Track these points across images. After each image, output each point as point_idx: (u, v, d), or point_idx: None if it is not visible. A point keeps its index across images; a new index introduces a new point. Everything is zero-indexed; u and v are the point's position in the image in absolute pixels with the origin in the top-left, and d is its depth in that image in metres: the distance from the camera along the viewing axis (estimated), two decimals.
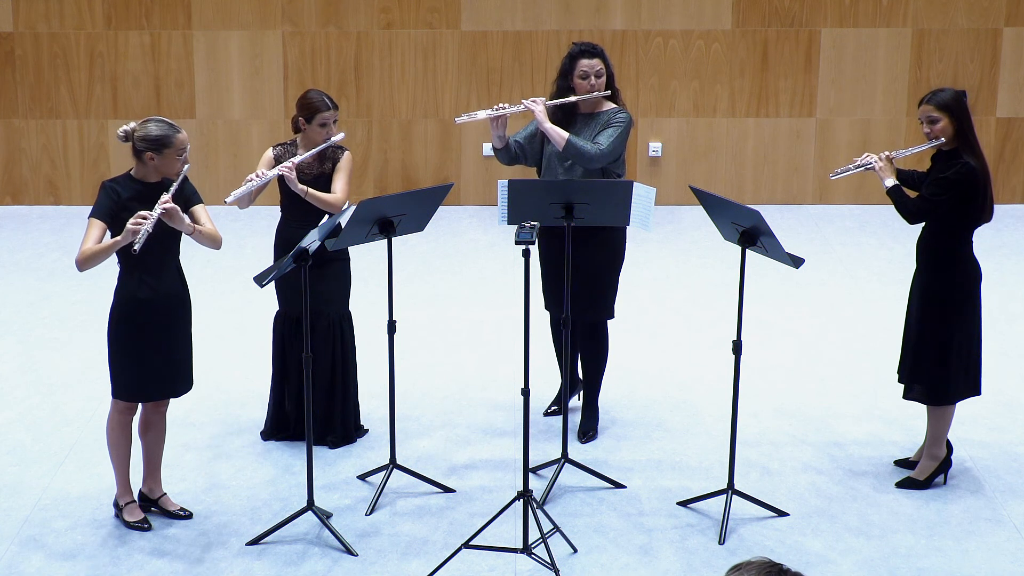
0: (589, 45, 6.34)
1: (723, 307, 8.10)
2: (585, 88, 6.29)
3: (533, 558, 5.39)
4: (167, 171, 5.52)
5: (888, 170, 5.97)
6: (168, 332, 5.60)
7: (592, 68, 6.27)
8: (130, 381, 5.61)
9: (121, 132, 5.53)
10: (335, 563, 5.48)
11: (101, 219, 5.47)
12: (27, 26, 10.37)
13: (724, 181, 10.63)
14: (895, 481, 6.13)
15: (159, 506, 5.85)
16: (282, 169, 6.11)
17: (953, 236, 5.86)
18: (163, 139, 5.46)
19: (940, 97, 5.84)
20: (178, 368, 5.69)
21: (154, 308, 5.54)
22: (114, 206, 5.46)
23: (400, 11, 10.38)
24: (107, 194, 5.49)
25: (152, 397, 5.69)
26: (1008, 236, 9.87)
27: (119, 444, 5.71)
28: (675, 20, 10.40)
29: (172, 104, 10.45)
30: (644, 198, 5.85)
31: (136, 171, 5.55)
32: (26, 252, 9.55)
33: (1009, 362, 7.50)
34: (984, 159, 5.86)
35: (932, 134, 5.85)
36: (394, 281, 6.06)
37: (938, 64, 10.45)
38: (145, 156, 5.48)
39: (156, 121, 5.51)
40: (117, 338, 5.59)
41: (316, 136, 6.24)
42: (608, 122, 6.29)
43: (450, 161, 10.63)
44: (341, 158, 6.32)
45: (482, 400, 7.04)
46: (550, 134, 6.23)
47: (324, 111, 6.22)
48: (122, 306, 5.56)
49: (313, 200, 6.18)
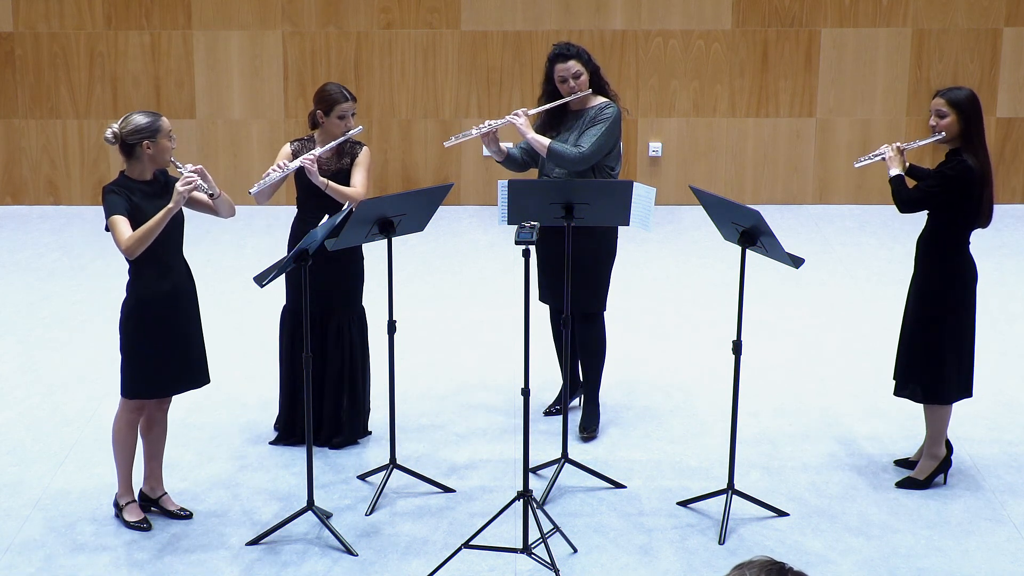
0: (563, 47, 6.35)
1: (723, 307, 8.10)
2: (566, 91, 6.34)
3: (533, 558, 5.39)
4: (162, 159, 5.54)
5: (896, 160, 5.98)
6: (185, 326, 5.63)
7: (569, 71, 6.30)
8: (148, 378, 5.61)
9: (109, 134, 5.52)
10: (335, 563, 5.48)
11: (124, 215, 5.46)
12: (27, 26, 10.37)
13: (724, 181, 10.63)
14: (895, 481, 6.13)
15: (159, 505, 5.85)
16: (304, 161, 6.12)
17: (950, 236, 5.87)
18: (152, 124, 5.51)
19: (954, 94, 5.85)
20: (197, 361, 5.72)
21: (170, 303, 5.57)
22: (127, 199, 5.47)
23: (400, 11, 10.38)
24: (114, 191, 5.49)
25: (170, 392, 5.71)
26: (1008, 236, 9.87)
27: (126, 444, 5.71)
28: (675, 20, 10.40)
29: (172, 104, 10.45)
30: (644, 198, 5.86)
31: (130, 170, 5.54)
32: (26, 252, 9.55)
33: (1009, 362, 7.50)
34: (988, 163, 5.86)
35: (937, 128, 5.86)
36: (394, 281, 6.06)
37: (938, 64, 10.45)
38: (142, 147, 5.48)
39: (137, 112, 5.56)
40: (134, 336, 5.58)
41: (335, 129, 6.24)
42: (593, 119, 6.31)
43: (450, 161, 10.63)
44: (359, 153, 6.33)
45: (482, 400, 7.04)
46: (533, 144, 6.32)
47: (343, 103, 6.23)
48: (140, 303, 5.56)
49: (333, 193, 6.17)
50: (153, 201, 5.51)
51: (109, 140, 5.53)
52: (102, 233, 10.12)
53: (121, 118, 5.58)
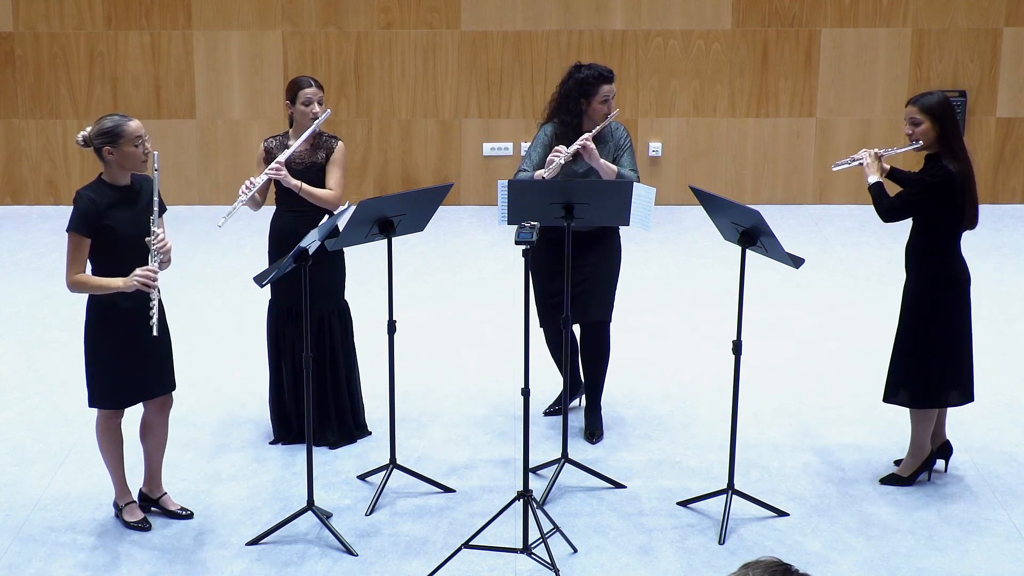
0: (607, 69, 6.32)
1: (723, 307, 8.10)
2: (604, 112, 6.31)
3: (533, 558, 5.39)
4: (128, 165, 5.41)
5: (874, 167, 5.96)
6: (146, 338, 5.43)
7: (611, 93, 6.31)
8: (110, 388, 5.54)
9: (79, 138, 5.44)
10: (335, 563, 5.48)
11: (84, 234, 5.35)
12: (27, 26, 10.37)
13: (724, 181, 10.63)
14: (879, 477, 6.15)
15: (160, 506, 5.84)
16: (269, 172, 6.12)
17: (937, 241, 5.85)
18: (114, 129, 5.36)
19: (926, 100, 5.84)
20: (159, 371, 5.61)
21: (130, 316, 5.45)
22: (94, 218, 5.36)
23: (400, 11, 10.38)
24: (85, 204, 5.36)
25: (129, 403, 5.62)
26: (1008, 236, 9.87)
27: (110, 449, 5.67)
28: (675, 20, 10.40)
29: (172, 104, 10.45)
30: (644, 198, 5.86)
31: (106, 174, 5.45)
32: (26, 252, 9.55)
33: (1009, 362, 7.50)
34: (969, 165, 5.84)
35: (913, 136, 5.85)
36: (394, 281, 6.06)
37: (938, 64, 10.45)
38: (104, 152, 5.39)
39: (109, 116, 5.44)
40: (96, 346, 5.52)
41: (303, 118, 6.25)
42: (619, 143, 6.35)
43: (450, 161, 10.63)
44: (335, 149, 6.31)
45: (482, 400, 7.04)
46: (603, 170, 6.23)
47: (306, 88, 6.24)
48: (100, 315, 5.47)
49: (308, 196, 6.18)
50: (122, 209, 5.40)
51: (80, 143, 5.44)
52: None
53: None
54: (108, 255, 5.40)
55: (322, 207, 6.18)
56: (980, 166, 10.52)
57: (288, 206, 6.31)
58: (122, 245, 5.39)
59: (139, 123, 5.44)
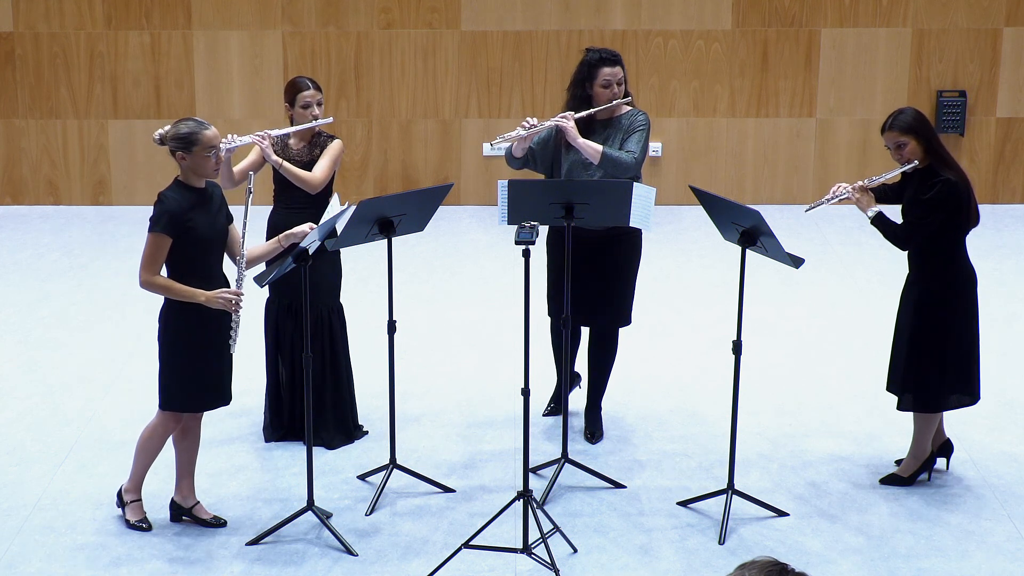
0: (609, 53, 6.25)
1: (723, 307, 8.10)
2: (607, 96, 6.24)
3: (533, 558, 5.39)
4: (200, 171, 5.44)
5: (866, 200, 5.89)
6: (222, 339, 5.53)
7: (615, 77, 6.21)
8: (186, 391, 5.55)
9: (156, 135, 5.49)
10: (335, 563, 5.48)
11: (169, 234, 5.37)
12: (27, 26, 10.37)
13: (724, 181, 10.63)
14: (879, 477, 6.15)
15: (192, 515, 5.79)
16: (254, 138, 6.13)
17: (945, 244, 5.83)
18: (190, 136, 5.38)
19: (901, 120, 5.80)
20: (230, 376, 5.68)
21: (209, 317, 5.48)
22: (180, 218, 5.38)
23: (400, 11, 10.38)
24: (171, 205, 5.39)
25: (206, 407, 5.66)
26: (1008, 236, 9.87)
27: (154, 451, 5.69)
28: (675, 20, 10.40)
29: (172, 104, 10.45)
30: (644, 198, 5.85)
31: (182, 176, 5.49)
32: (26, 252, 9.55)
33: (1009, 362, 7.50)
34: (960, 169, 5.84)
35: (903, 158, 5.82)
36: (394, 281, 6.06)
37: (938, 64, 10.45)
38: (177, 156, 5.43)
39: (186, 120, 5.45)
40: (174, 348, 5.51)
41: (302, 120, 6.28)
42: (631, 127, 6.25)
43: (450, 161, 10.63)
44: (331, 144, 6.34)
45: (482, 400, 7.04)
46: (585, 150, 6.15)
47: (305, 91, 6.25)
48: (179, 315, 5.47)
49: (287, 174, 6.19)
50: (200, 212, 5.44)
51: (156, 141, 5.49)
52: (102, 233, 10.16)
53: (175, 120, 5.53)
54: (182, 257, 5.42)
55: (301, 187, 6.19)
56: (980, 166, 10.53)
57: (286, 203, 6.32)
58: (198, 248, 5.43)
59: (215, 132, 5.45)
